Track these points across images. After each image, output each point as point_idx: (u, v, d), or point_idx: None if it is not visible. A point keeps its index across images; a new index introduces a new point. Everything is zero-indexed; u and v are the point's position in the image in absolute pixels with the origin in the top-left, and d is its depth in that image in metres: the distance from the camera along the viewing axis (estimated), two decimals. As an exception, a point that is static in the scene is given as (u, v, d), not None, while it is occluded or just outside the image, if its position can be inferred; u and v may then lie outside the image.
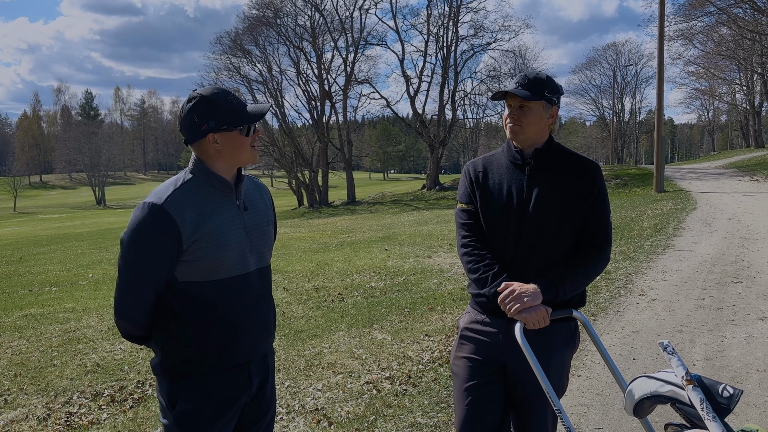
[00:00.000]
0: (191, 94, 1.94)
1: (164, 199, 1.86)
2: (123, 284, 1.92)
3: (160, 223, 1.84)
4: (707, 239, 10.18)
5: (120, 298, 1.94)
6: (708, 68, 42.68)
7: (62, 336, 6.34)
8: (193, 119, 1.90)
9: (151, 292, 1.91)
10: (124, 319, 1.96)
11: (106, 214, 53.43)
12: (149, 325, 1.98)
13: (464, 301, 6.82)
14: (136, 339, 2.03)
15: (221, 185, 1.95)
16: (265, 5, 38.05)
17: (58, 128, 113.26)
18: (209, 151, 1.93)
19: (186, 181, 1.94)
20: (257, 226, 2.05)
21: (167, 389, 1.97)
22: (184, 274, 1.91)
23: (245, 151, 1.96)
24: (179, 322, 1.94)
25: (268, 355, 2.14)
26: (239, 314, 1.98)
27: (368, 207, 32.89)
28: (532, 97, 2.14)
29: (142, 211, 1.86)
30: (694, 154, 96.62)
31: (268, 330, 2.10)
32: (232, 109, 1.91)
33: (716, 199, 16.68)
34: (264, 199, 2.15)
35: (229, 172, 1.99)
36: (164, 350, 1.97)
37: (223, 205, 1.95)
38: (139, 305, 1.93)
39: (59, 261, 14.84)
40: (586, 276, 2.17)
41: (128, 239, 1.88)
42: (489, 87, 42.58)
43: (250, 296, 2.01)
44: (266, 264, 2.11)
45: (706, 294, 6.59)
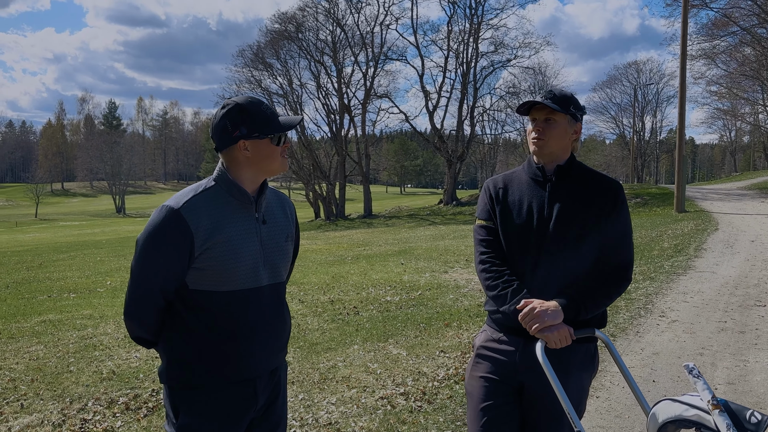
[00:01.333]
0: (225, 101, 1.95)
1: (181, 204, 1.87)
2: (133, 284, 1.93)
3: (174, 227, 1.84)
4: (729, 261, 10.00)
5: (130, 299, 1.94)
6: (731, 88, 42.25)
7: (79, 342, 6.38)
8: (225, 125, 1.91)
9: (159, 294, 1.91)
10: (132, 319, 1.97)
11: (125, 223, 54.04)
12: (157, 329, 1.97)
13: (480, 318, 6.76)
14: (143, 341, 2.03)
15: (241, 196, 1.94)
16: (287, 20, 38.54)
17: (81, 137, 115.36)
18: (239, 158, 1.93)
19: (207, 188, 1.94)
20: (274, 241, 2.03)
21: (171, 399, 1.97)
22: (195, 282, 1.90)
23: (275, 160, 1.96)
24: (187, 331, 1.93)
25: (279, 369, 2.10)
26: (247, 328, 1.95)
27: (385, 221, 32.88)
28: (559, 109, 2.13)
29: (159, 213, 1.88)
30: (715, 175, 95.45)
31: (278, 346, 2.06)
32: (265, 118, 1.92)
33: (738, 221, 16.42)
34: (286, 214, 2.12)
35: (255, 182, 1.98)
36: (170, 359, 1.96)
37: (241, 216, 1.95)
38: (148, 306, 1.93)
39: (78, 268, 14.99)
40: (608, 296, 2.13)
41: (143, 240, 1.89)
42: (508, 103, 42.55)
43: (260, 311, 1.98)
44: (281, 280, 2.07)
45: (728, 317, 6.46)
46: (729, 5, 28.64)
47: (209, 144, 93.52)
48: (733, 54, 33.63)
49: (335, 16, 38.13)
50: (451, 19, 38.58)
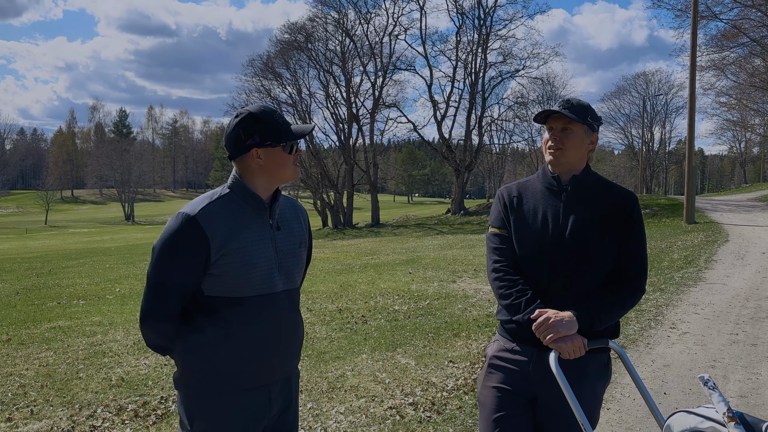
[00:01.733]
0: (239, 110, 1.97)
1: (197, 211, 1.89)
2: (150, 292, 1.94)
3: (190, 233, 1.86)
4: (740, 273, 9.93)
5: (146, 306, 1.95)
6: (740, 99, 42.08)
7: (88, 349, 6.40)
8: (239, 133, 1.93)
9: (176, 301, 1.92)
10: (148, 326, 1.97)
11: (134, 230, 54.30)
12: (173, 336, 1.98)
13: (489, 328, 6.73)
14: (159, 348, 2.04)
15: (256, 203, 1.96)
16: (296, 30, 38.77)
17: (92, 145, 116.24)
18: (251, 166, 1.95)
19: (222, 196, 1.96)
20: (288, 247, 2.04)
21: (186, 405, 1.97)
22: (211, 288, 1.92)
23: (287, 167, 1.97)
24: (202, 337, 1.93)
25: (291, 377, 2.11)
26: (262, 334, 1.96)
27: (392, 230, 32.86)
28: (577, 119, 2.12)
29: (175, 220, 1.89)
30: (725, 186, 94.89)
31: (292, 352, 2.07)
32: (277, 126, 1.94)
33: (749, 232, 16.31)
34: (300, 221, 2.14)
35: (268, 190, 2.00)
36: (185, 364, 1.97)
37: (256, 223, 1.96)
38: (164, 313, 1.94)
39: (87, 275, 15.06)
40: (622, 307, 2.12)
41: (159, 247, 1.90)
42: (516, 113, 42.58)
43: (275, 317, 1.99)
44: (295, 286, 2.09)
45: (739, 329, 6.40)
46: (739, 17, 28.59)
47: (218, 152, 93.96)
48: (743, 65, 33.52)
49: (344, 26, 38.36)
50: (459, 29, 38.70)
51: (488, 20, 37.96)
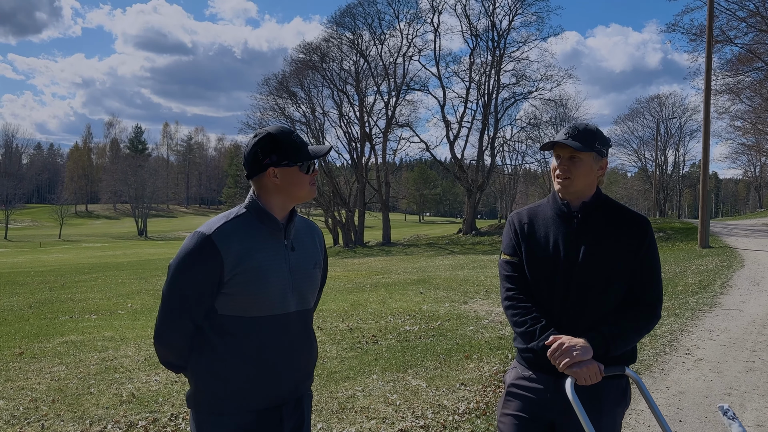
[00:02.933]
0: (258, 131, 2.01)
1: (213, 230, 1.91)
2: (164, 309, 1.96)
3: (205, 252, 1.88)
4: (756, 299, 9.79)
5: (160, 323, 1.98)
6: (755, 123, 41.85)
7: (100, 364, 6.42)
8: (256, 153, 1.96)
9: (190, 319, 1.94)
10: (162, 345, 2.00)
11: (147, 245, 54.66)
12: (186, 354, 2.00)
13: (501, 351, 6.68)
14: (173, 366, 2.05)
15: (271, 224, 1.98)
16: (312, 50, 39.23)
17: (107, 160, 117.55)
18: (268, 186, 1.98)
19: (238, 215, 1.98)
20: (302, 268, 2.06)
21: (198, 423, 1.98)
22: (224, 307, 1.93)
23: (304, 187, 1.99)
24: (215, 356, 1.95)
25: (303, 398, 2.10)
26: (274, 354, 1.97)
27: (403, 249, 32.82)
28: (583, 149, 2.10)
29: (191, 239, 1.92)
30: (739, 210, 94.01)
31: (304, 373, 2.07)
32: (295, 147, 1.96)
33: (765, 258, 16.11)
34: (315, 242, 2.16)
35: (284, 209, 2.01)
36: (198, 383, 1.98)
37: (270, 244, 1.98)
38: (178, 332, 1.96)
39: (100, 289, 15.16)
40: (637, 333, 2.10)
41: (175, 265, 1.93)
42: (529, 135, 42.63)
43: (288, 337, 2.00)
44: (308, 307, 2.10)
45: (756, 356, 6.30)
46: (754, 41, 28.54)
47: (232, 169, 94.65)
48: (758, 89, 33.37)
49: (359, 47, 38.76)
50: (473, 51, 38.98)
51: (502, 42, 38.25)
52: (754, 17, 26.77)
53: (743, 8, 27.05)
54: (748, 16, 26.96)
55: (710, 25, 20.26)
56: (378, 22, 38.66)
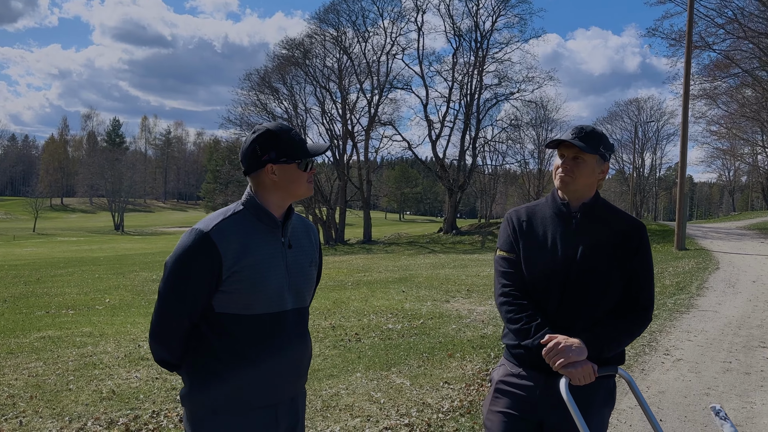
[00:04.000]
0: (256, 126, 1.99)
1: (211, 227, 1.88)
2: (161, 307, 1.93)
3: (203, 250, 1.86)
4: (731, 301, 9.98)
5: (157, 321, 1.95)
6: (731, 128, 42.67)
7: (79, 360, 6.32)
8: (255, 149, 1.94)
9: (187, 318, 1.92)
10: (158, 343, 1.97)
11: (124, 240, 53.94)
12: (182, 352, 1.97)
13: (484, 350, 6.71)
14: (167, 365, 2.02)
15: (269, 220, 1.96)
16: (295, 46, 39.05)
17: (84, 153, 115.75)
18: (266, 182, 1.96)
19: (236, 213, 1.96)
20: (299, 266, 2.04)
21: (193, 423, 1.95)
22: (221, 305, 1.91)
23: (301, 184, 1.98)
24: (212, 354, 1.92)
25: (298, 397, 2.09)
26: (271, 353, 1.95)
27: (384, 247, 32.85)
28: (588, 150, 2.12)
29: (188, 236, 1.89)
30: (713, 213, 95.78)
31: (299, 371, 2.06)
32: (294, 144, 1.95)
33: (739, 260, 16.43)
34: (311, 240, 2.15)
35: (281, 206, 2.00)
36: (193, 382, 1.95)
37: (268, 241, 1.96)
38: (174, 330, 1.93)
39: (76, 284, 14.92)
40: (630, 335, 2.13)
41: (172, 263, 1.90)
42: (510, 135, 42.90)
43: (284, 335, 1.98)
44: (305, 305, 2.08)
45: (732, 357, 6.42)
46: (731, 48, 29.09)
47: (211, 165, 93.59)
48: (734, 95, 34.04)
49: (342, 44, 38.69)
50: (456, 51, 39.14)
51: (485, 43, 38.47)
52: (731, 24, 27.28)
53: (722, 15, 27.54)
54: (726, 22, 27.47)
55: (690, 31, 20.58)
56: (362, 20, 38.67)
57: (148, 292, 13.14)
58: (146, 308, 10.35)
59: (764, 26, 27.39)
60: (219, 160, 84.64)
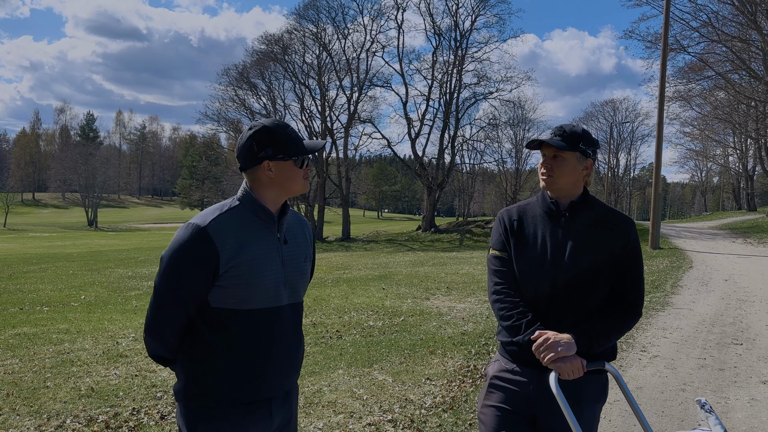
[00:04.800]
0: (253, 123, 1.98)
1: (208, 222, 1.88)
2: (157, 302, 1.92)
3: (200, 245, 1.85)
4: (705, 299, 10.19)
5: (152, 316, 1.93)
6: (703, 130, 43.52)
7: (56, 357, 6.22)
8: (252, 146, 1.94)
9: (183, 313, 1.91)
10: (154, 338, 1.96)
11: (98, 236, 53.09)
12: (177, 348, 1.97)
13: (465, 347, 6.77)
14: (161, 360, 2.01)
15: (265, 216, 1.97)
16: (274, 41, 38.77)
17: (56, 147, 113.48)
18: (262, 179, 1.96)
19: (232, 208, 1.96)
20: (294, 261, 2.05)
21: (187, 417, 1.94)
22: (217, 300, 1.90)
23: (297, 181, 1.99)
24: (207, 349, 1.92)
25: (291, 392, 2.10)
26: (267, 347, 1.95)
27: (363, 245, 32.85)
28: (566, 148, 2.15)
29: (185, 231, 1.88)
30: (685, 213, 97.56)
31: (294, 366, 2.07)
32: (290, 141, 1.95)
33: (711, 260, 16.78)
34: (305, 236, 2.15)
35: (276, 203, 2.00)
36: (188, 377, 1.95)
37: (264, 236, 1.96)
38: (170, 325, 1.92)
39: (50, 281, 14.67)
40: (619, 330, 2.16)
41: (168, 257, 1.89)
42: (488, 134, 43.16)
43: (280, 330, 1.98)
44: (299, 300, 2.09)
45: (707, 354, 6.57)
46: (705, 50, 29.67)
47: (186, 160, 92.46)
48: (708, 97, 34.72)
49: (322, 40, 38.53)
50: (436, 49, 39.24)
51: (464, 42, 38.62)
52: (706, 27, 27.81)
53: (697, 18, 28.07)
54: (701, 26, 27.99)
55: (666, 34, 20.93)
56: (342, 17, 38.55)
57: (124, 288, 12.97)
58: (123, 305, 10.23)
59: (737, 30, 27.98)
60: (195, 156, 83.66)
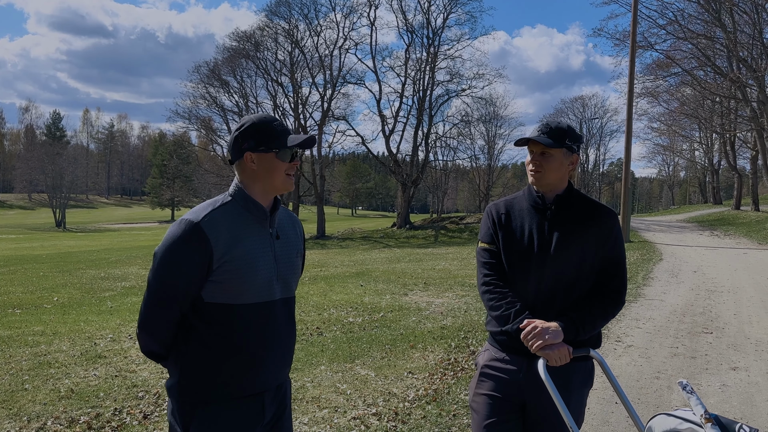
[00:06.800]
0: (243, 118, 2.03)
1: (201, 218, 1.90)
2: (150, 297, 1.93)
3: (194, 240, 1.87)
4: (675, 290, 10.47)
5: (145, 311, 1.94)
6: (670, 126, 44.47)
7: (33, 360, 6.12)
8: (237, 138, 1.98)
9: (176, 308, 1.92)
10: (147, 333, 1.97)
11: (67, 237, 52.00)
12: (170, 344, 1.98)
13: (444, 340, 6.85)
14: (154, 356, 2.02)
15: (257, 211, 1.99)
16: (245, 38, 38.42)
17: (21, 147, 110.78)
18: (246, 171, 1.99)
19: (224, 203, 1.98)
20: (287, 256, 2.08)
21: (180, 413, 1.95)
22: (210, 295, 1.92)
23: (278, 175, 2.00)
24: (200, 344, 1.93)
25: (283, 385, 2.13)
26: (259, 342, 1.97)
27: (338, 242, 32.82)
28: (554, 145, 2.23)
29: (178, 226, 1.89)
30: (654, 207, 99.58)
31: (285, 360, 2.10)
32: (273, 134, 1.98)
33: (680, 252, 17.20)
34: (296, 231, 2.19)
35: (265, 198, 2.03)
36: (182, 372, 1.96)
37: (257, 231, 1.98)
38: (164, 321, 1.94)
39: (20, 283, 14.36)
40: (604, 318, 2.25)
41: (161, 253, 1.90)
42: (461, 131, 43.49)
43: (273, 325, 2.01)
44: (291, 294, 2.12)
45: (679, 343, 6.76)
46: (672, 47, 30.32)
47: (156, 159, 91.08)
48: (675, 93, 35.50)
49: (294, 37, 38.28)
50: (409, 47, 39.32)
51: (436, 40, 38.77)
52: (672, 25, 28.40)
53: (663, 16, 28.65)
54: (667, 23, 28.58)
55: (634, 31, 21.33)
56: (314, 13, 38.32)
57: (98, 290, 12.77)
58: (98, 306, 10.08)
59: (702, 28, 28.65)
60: (165, 155, 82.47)
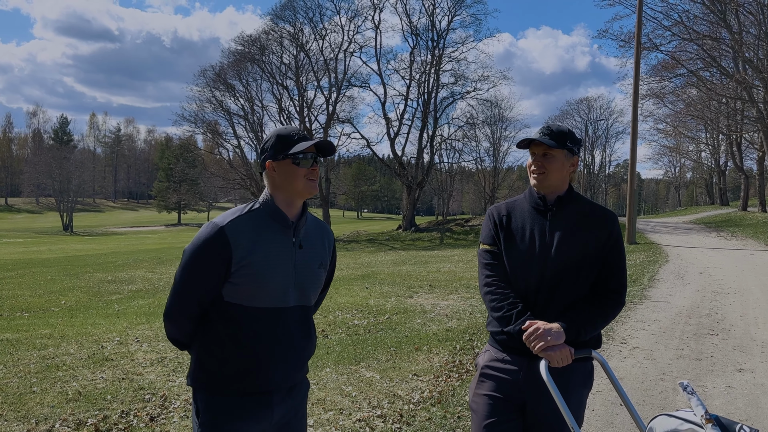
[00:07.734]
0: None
1: (226, 222, 2.02)
2: (175, 290, 2.09)
3: (216, 242, 2.00)
4: (681, 292, 10.44)
5: (169, 302, 2.11)
6: (676, 127, 44.33)
7: (41, 362, 6.17)
8: (262, 150, 2.11)
9: (196, 302, 2.06)
10: (171, 322, 2.13)
11: (74, 241, 52.28)
12: (191, 334, 2.13)
13: (449, 342, 6.86)
14: (177, 342, 2.19)
15: (281, 221, 2.08)
16: (251, 42, 38.56)
17: (29, 151, 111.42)
18: (271, 179, 2.10)
19: (252, 210, 2.09)
20: (308, 266, 2.15)
21: (194, 399, 2.11)
22: (230, 295, 2.04)
23: (298, 181, 2.06)
24: (217, 339, 2.06)
25: (297, 387, 2.19)
26: (267, 344, 2.06)
27: (344, 245, 32.84)
28: (556, 146, 2.27)
29: (206, 229, 2.04)
30: (660, 209, 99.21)
31: (298, 363, 2.16)
32: (289, 142, 2.06)
33: (687, 253, 17.15)
34: (323, 243, 2.24)
35: (291, 205, 2.10)
36: (198, 362, 2.11)
37: (279, 239, 2.07)
38: (185, 312, 2.09)
39: (28, 286, 14.47)
40: (604, 319, 2.27)
41: (189, 251, 2.05)
42: (466, 133, 43.50)
43: (283, 330, 2.09)
44: (309, 303, 2.19)
45: (684, 344, 6.75)
46: (677, 49, 30.28)
47: (162, 162, 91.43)
48: (680, 94, 35.40)
49: (299, 41, 38.41)
50: (413, 49, 39.37)
51: (441, 42, 38.82)
52: (678, 26, 28.35)
53: (668, 17, 28.60)
54: (672, 25, 28.52)
55: (639, 33, 21.30)
56: (319, 17, 38.46)
57: (105, 293, 12.85)
58: (105, 309, 10.14)
59: (708, 29, 28.58)
60: (171, 158, 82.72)
